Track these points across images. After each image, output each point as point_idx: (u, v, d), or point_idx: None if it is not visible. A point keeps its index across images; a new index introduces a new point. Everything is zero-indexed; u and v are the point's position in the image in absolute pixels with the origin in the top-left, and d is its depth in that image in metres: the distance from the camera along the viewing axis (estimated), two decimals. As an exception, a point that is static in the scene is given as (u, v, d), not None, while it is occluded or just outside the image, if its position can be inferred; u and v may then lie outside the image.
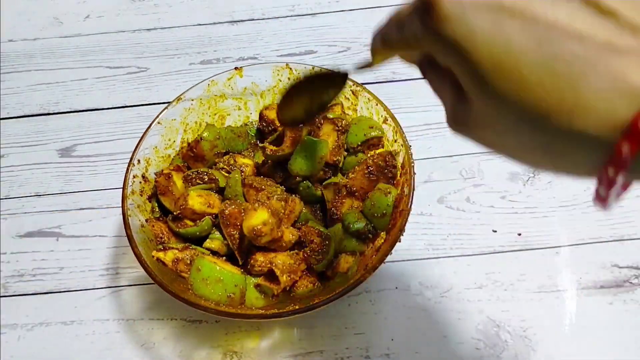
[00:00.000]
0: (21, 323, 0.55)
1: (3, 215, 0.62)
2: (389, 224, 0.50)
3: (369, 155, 0.54)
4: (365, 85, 0.56)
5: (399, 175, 0.52)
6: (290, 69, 0.59)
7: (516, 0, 0.20)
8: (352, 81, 0.56)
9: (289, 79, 0.60)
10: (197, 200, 0.50)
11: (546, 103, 0.19)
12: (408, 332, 0.51)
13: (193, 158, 0.55)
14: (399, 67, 0.71)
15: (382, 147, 0.55)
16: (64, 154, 0.67)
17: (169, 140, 0.57)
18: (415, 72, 0.29)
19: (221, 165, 0.54)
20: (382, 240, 0.49)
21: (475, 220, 0.57)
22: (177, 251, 0.48)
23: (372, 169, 0.51)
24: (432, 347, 0.50)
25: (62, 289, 0.57)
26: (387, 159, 0.51)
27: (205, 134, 0.55)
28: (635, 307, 0.51)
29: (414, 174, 0.49)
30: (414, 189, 0.48)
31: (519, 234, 0.56)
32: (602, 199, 0.20)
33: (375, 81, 0.70)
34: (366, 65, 0.44)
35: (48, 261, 0.58)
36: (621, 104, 0.18)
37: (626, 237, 0.55)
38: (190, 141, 0.57)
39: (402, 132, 0.52)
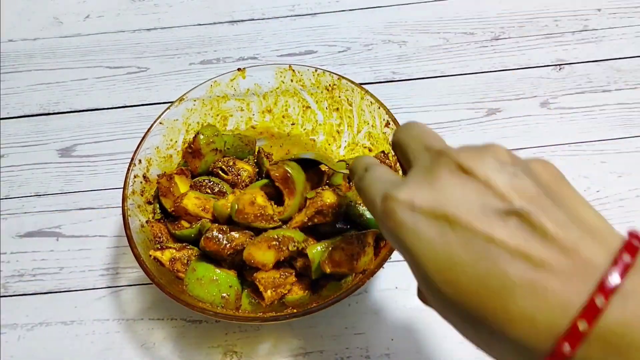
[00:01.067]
0: (21, 323, 0.55)
1: (3, 215, 0.62)
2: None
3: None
4: (365, 86, 0.56)
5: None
6: (293, 70, 0.59)
7: (459, 213, 0.22)
8: (353, 82, 0.56)
9: (292, 80, 0.60)
10: (193, 201, 0.50)
11: (482, 310, 0.21)
12: (408, 332, 0.51)
13: (191, 155, 0.55)
14: (399, 67, 0.71)
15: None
16: (64, 154, 0.67)
17: (171, 140, 0.57)
18: (415, 72, 0.30)
19: (220, 165, 0.54)
20: (382, 245, 0.49)
21: (475, 220, 0.57)
22: (174, 251, 0.48)
23: None
24: (432, 347, 0.50)
25: (62, 289, 0.57)
26: (380, 158, 0.52)
27: (202, 130, 0.55)
28: (635, 307, 0.51)
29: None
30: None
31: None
32: None
33: (375, 81, 0.70)
34: (341, 171, 0.49)
35: (48, 261, 0.58)
36: (543, 320, 0.20)
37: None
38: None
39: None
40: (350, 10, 0.79)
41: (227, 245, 0.46)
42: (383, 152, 0.54)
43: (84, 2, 0.83)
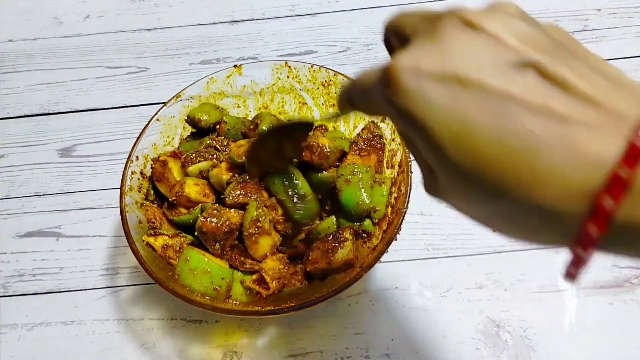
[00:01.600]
0: (21, 323, 0.55)
1: (3, 215, 0.62)
2: (385, 219, 0.50)
3: (355, 136, 0.55)
4: (365, 85, 0.56)
5: (395, 167, 0.52)
6: (289, 67, 0.59)
7: (470, 71, 0.20)
8: (349, 78, 0.56)
9: (288, 77, 0.60)
10: (193, 188, 0.50)
11: (505, 177, 0.19)
12: (408, 332, 0.51)
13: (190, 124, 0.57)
14: (399, 67, 0.71)
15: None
16: (64, 154, 0.67)
17: (168, 137, 0.57)
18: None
19: (213, 144, 0.55)
20: (379, 240, 0.49)
21: (475, 220, 0.57)
22: (167, 237, 0.49)
23: (361, 145, 0.53)
24: (432, 347, 0.50)
25: (62, 289, 0.57)
26: (371, 129, 0.53)
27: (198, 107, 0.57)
28: (635, 307, 0.51)
29: (411, 172, 0.49)
30: (410, 188, 0.48)
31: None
32: (572, 275, 0.20)
33: (375, 81, 0.70)
34: (333, 117, 0.45)
35: (48, 261, 0.58)
36: (576, 176, 0.18)
37: (626, 237, 0.55)
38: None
39: (400, 130, 0.52)
40: (350, 10, 0.79)
41: (224, 224, 0.47)
42: (373, 121, 0.54)
43: (84, 2, 0.83)
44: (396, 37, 0.26)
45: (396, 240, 0.46)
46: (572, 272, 0.20)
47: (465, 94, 0.20)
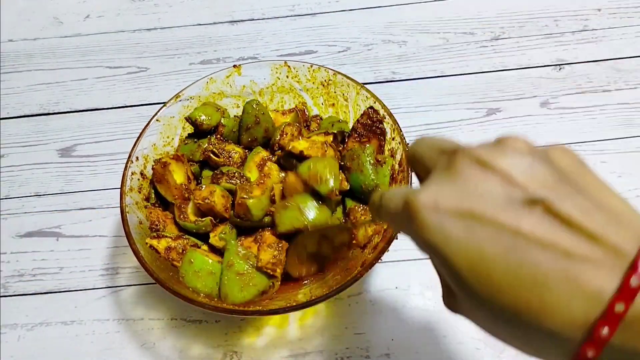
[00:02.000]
0: (21, 323, 0.55)
1: (3, 215, 0.62)
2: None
3: (354, 122, 0.56)
4: (366, 85, 0.56)
5: (392, 144, 0.53)
6: (289, 66, 0.59)
7: (484, 208, 0.22)
8: (348, 78, 0.56)
9: (287, 77, 0.60)
10: (221, 200, 0.50)
11: (516, 304, 0.21)
12: (408, 332, 0.51)
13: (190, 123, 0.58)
14: (398, 67, 0.71)
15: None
16: (64, 154, 0.67)
17: (168, 137, 0.57)
18: (415, 72, 0.30)
19: (211, 148, 0.55)
20: (379, 238, 0.49)
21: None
22: (170, 240, 0.49)
23: (360, 131, 0.53)
24: (432, 347, 0.50)
25: (62, 289, 0.57)
26: (370, 114, 0.53)
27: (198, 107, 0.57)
28: (636, 307, 0.51)
29: (412, 171, 0.49)
30: (411, 186, 0.48)
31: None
32: None
33: (375, 81, 0.70)
34: (366, 222, 0.49)
35: (48, 261, 0.58)
36: (578, 308, 0.20)
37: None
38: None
39: (400, 129, 0.52)
40: (350, 10, 0.79)
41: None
42: (372, 107, 0.54)
43: (84, 2, 0.83)
44: (418, 163, 0.29)
45: (397, 239, 0.46)
46: None
47: (480, 228, 0.22)
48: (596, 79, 0.68)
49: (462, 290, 0.23)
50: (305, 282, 0.49)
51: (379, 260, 0.45)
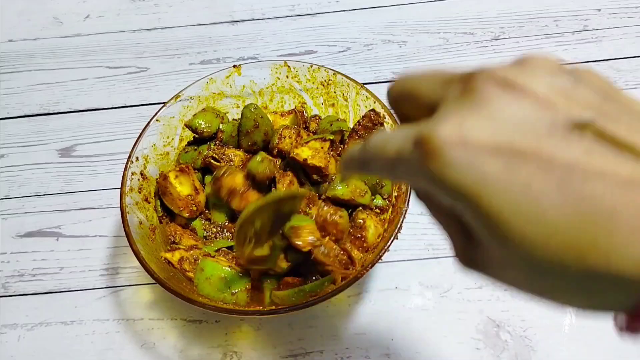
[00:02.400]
0: (21, 323, 0.55)
1: (3, 215, 0.62)
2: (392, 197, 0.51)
3: (355, 124, 0.55)
4: (366, 85, 0.56)
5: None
6: (289, 66, 0.59)
7: (526, 141, 0.19)
8: (348, 77, 0.56)
9: (287, 77, 0.60)
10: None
11: (579, 245, 0.18)
12: (408, 332, 0.51)
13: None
14: (399, 67, 0.71)
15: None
16: (64, 154, 0.67)
17: (168, 137, 0.57)
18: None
19: (211, 154, 0.55)
20: (379, 239, 0.49)
21: (475, 220, 0.57)
22: (183, 251, 0.49)
23: (361, 133, 0.53)
24: (432, 347, 0.50)
25: (62, 289, 0.57)
26: (372, 117, 0.53)
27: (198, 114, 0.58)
28: (636, 307, 0.51)
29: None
30: (411, 187, 0.48)
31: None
32: (635, 330, 0.19)
33: (375, 81, 0.70)
34: (325, 188, 0.48)
35: (48, 261, 0.58)
36: None
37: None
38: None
39: (400, 129, 0.52)
40: (350, 10, 0.79)
41: None
42: (373, 110, 0.53)
43: (84, 2, 0.83)
44: (409, 104, 0.24)
45: (397, 239, 0.46)
46: (633, 326, 0.19)
47: (524, 164, 0.18)
48: (596, 79, 0.68)
49: (500, 239, 0.19)
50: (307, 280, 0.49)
51: (379, 260, 0.45)
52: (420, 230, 0.57)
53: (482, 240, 0.21)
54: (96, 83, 0.73)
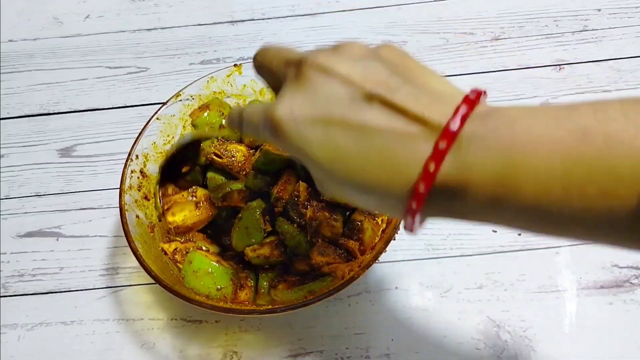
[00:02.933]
0: (21, 323, 0.55)
1: (3, 215, 0.62)
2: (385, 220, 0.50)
3: None
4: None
5: None
6: None
7: (334, 111, 0.27)
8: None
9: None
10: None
11: (369, 179, 0.27)
12: (408, 332, 0.51)
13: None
14: (399, 67, 0.71)
15: None
16: (64, 154, 0.67)
17: (168, 136, 0.57)
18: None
19: (213, 150, 0.55)
20: (377, 239, 0.49)
21: (475, 220, 0.57)
22: (178, 243, 0.50)
23: None
24: (432, 347, 0.50)
25: (62, 289, 0.57)
26: None
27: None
28: (635, 307, 0.51)
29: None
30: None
31: (519, 234, 0.56)
32: (410, 228, 0.27)
33: (375, 81, 0.70)
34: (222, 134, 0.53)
35: (48, 261, 0.58)
36: (409, 173, 0.25)
37: (626, 237, 0.55)
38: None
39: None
40: (350, 10, 0.79)
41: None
42: None
43: (84, 2, 0.83)
44: (265, 72, 0.36)
45: (395, 240, 0.46)
46: (409, 227, 0.27)
47: (333, 128, 0.27)
48: (596, 79, 0.68)
49: (327, 178, 0.29)
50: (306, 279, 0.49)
51: (377, 261, 0.45)
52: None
53: (315, 176, 0.30)
54: (96, 83, 0.73)
